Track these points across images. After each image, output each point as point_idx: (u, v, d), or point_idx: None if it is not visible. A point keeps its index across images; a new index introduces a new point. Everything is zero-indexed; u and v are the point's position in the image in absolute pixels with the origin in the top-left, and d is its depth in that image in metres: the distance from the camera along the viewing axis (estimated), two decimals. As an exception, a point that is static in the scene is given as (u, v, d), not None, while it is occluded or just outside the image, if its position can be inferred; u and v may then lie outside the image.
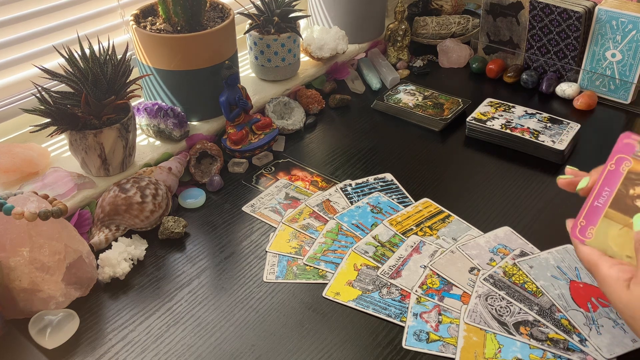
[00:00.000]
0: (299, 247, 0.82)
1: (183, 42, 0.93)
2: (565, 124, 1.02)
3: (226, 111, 0.97)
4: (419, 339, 0.69)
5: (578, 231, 0.61)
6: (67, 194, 0.83)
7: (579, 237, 0.61)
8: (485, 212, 0.87)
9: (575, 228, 0.62)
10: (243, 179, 0.95)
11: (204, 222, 0.86)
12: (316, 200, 0.89)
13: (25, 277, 0.67)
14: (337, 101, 1.13)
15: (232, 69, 0.95)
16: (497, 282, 0.75)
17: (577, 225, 0.62)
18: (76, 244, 0.73)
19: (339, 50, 1.18)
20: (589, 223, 0.61)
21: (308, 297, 0.74)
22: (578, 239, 0.61)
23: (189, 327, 0.71)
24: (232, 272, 0.78)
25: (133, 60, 0.92)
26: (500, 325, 0.70)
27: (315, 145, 1.03)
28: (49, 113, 0.80)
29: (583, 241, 0.61)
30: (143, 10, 1.00)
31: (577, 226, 0.62)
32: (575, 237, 0.62)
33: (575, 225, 0.62)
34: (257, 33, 1.09)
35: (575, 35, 1.12)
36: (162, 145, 0.97)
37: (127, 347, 0.68)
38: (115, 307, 0.73)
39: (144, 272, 0.78)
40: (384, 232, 0.84)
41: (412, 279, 0.76)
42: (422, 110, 1.09)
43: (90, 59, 0.81)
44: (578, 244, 0.62)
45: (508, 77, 1.20)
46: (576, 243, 0.62)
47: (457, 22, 1.32)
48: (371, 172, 0.96)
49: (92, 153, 0.84)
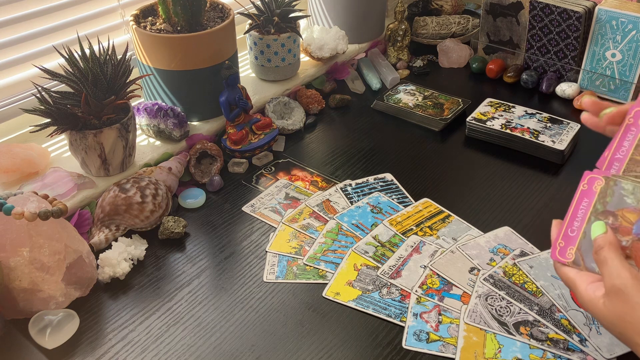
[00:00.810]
0: (299, 247, 0.82)
1: (183, 42, 0.93)
2: (565, 124, 1.02)
3: (226, 111, 0.97)
4: (419, 339, 0.69)
5: (558, 252, 0.60)
6: (67, 194, 0.83)
7: (560, 259, 0.60)
8: (485, 212, 0.87)
9: (555, 249, 0.61)
10: (243, 179, 0.95)
11: (204, 222, 0.86)
12: (316, 200, 0.89)
13: (25, 277, 0.67)
14: (337, 101, 1.13)
15: (232, 69, 0.95)
16: (497, 282, 0.75)
17: (556, 246, 0.61)
18: (76, 244, 0.73)
19: (339, 50, 1.18)
20: (568, 244, 0.60)
21: (308, 297, 0.74)
22: (560, 261, 0.60)
23: (189, 327, 0.71)
24: (232, 272, 0.78)
25: (133, 60, 0.92)
26: (500, 325, 0.70)
27: (315, 145, 1.03)
28: (49, 113, 0.80)
29: (564, 262, 0.60)
30: (143, 10, 1.00)
31: (556, 247, 0.61)
32: (555, 259, 0.61)
33: (554, 246, 0.61)
34: (257, 33, 1.09)
35: (575, 35, 1.12)
36: (162, 145, 0.97)
37: (127, 347, 0.68)
38: (115, 307, 0.73)
39: (144, 272, 0.78)
40: (384, 232, 0.84)
41: (412, 279, 0.76)
42: (422, 110, 1.09)
43: (90, 59, 0.81)
44: (556, 263, 0.62)
45: (508, 77, 1.20)
46: (555, 263, 0.62)
47: (457, 22, 1.32)
48: (371, 172, 0.96)
49: (92, 153, 0.84)
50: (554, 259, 0.61)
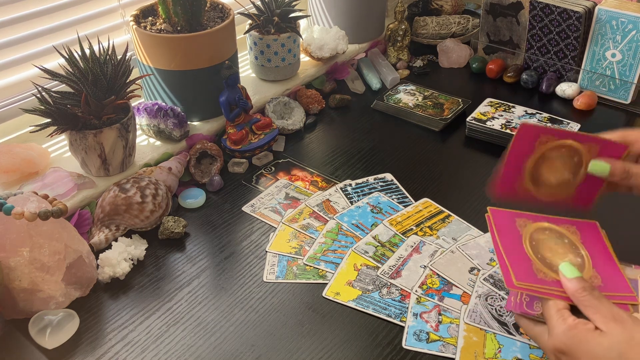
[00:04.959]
0: (299, 247, 0.82)
1: (183, 42, 0.93)
2: (565, 124, 1.02)
3: (226, 111, 0.97)
4: (419, 339, 0.69)
5: (525, 306, 0.60)
6: (67, 194, 0.83)
7: (529, 312, 0.60)
8: (485, 212, 0.87)
9: (522, 304, 0.60)
10: (243, 179, 0.95)
11: (204, 222, 0.86)
12: (316, 200, 0.89)
13: (25, 277, 0.67)
14: (337, 101, 1.13)
15: (232, 69, 0.95)
16: (497, 282, 0.75)
17: (522, 302, 0.60)
18: (76, 244, 0.73)
19: (339, 50, 1.18)
20: (534, 299, 0.60)
21: (308, 297, 0.74)
22: (528, 313, 0.60)
23: (189, 327, 0.71)
24: (232, 272, 0.78)
25: (133, 60, 0.92)
26: (500, 325, 0.70)
27: (315, 145, 1.03)
28: (49, 113, 0.80)
29: (534, 314, 0.60)
30: (143, 11, 1.00)
31: (522, 302, 0.60)
32: (524, 313, 0.60)
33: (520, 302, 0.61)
34: (257, 33, 1.09)
35: (575, 35, 1.12)
36: (162, 145, 0.97)
37: (127, 347, 0.68)
38: (115, 307, 0.73)
39: (144, 272, 0.78)
40: (384, 232, 0.84)
41: (412, 279, 0.76)
42: (422, 110, 1.09)
43: (90, 59, 0.81)
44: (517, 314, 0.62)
45: (508, 77, 1.20)
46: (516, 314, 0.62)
47: (457, 22, 1.32)
48: (371, 172, 0.96)
49: (92, 153, 0.84)
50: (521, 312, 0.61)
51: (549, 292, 0.58)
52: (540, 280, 0.60)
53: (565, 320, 0.55)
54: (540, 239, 0.65)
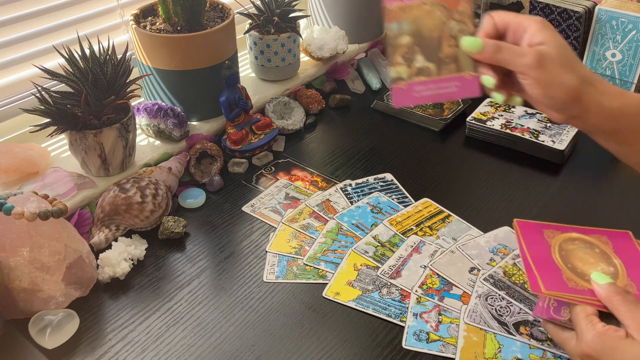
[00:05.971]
0: (299, 247, 0.81)
1: (183, 42, 0.93)
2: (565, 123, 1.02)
3: (226, 111, 0.97)
4: (419, 339, 0.69)
5: (553, 311, 0.60)
6: (67, 194, 0.83)
7: (556, 318, 0.60)
8: (485, 212, 0.87)
9: (549, 310, 0.61)
10: (243, 179, 0.95)
11: (204, 222, 0.86)
12: (316, 200, 0.89)
13: (25, 277, 0.67)
14: (337, 101, 1.13)
15: (232, 69, 0.95)
16: (497, 282, 0.75)
17: (550, 307, 0.61)
18: (76, 244, 0.73)
19: (339, 50, 1.18)
20: (561, 304, 0.60)
21: (308, 297, 0.74)
22: (556, 319, 0.60)
23: (189, 327, 0.71)
24: (232, 272, 0.78)
25: (133, 60, 0.92)
26: (500, 325, 0.70)
27: (315, 145, 1.03)
28: (49, 113, 0.80)
29: (561, 320, 0.60)
30: (143, 10, 1.00)
31: (550, 307, 0.61)
32: (552, 318, 0.60)
33: (547, 308, 0.61)
34: (257, 33, 1.09)
35: (575, 35, 1.12)
36: (162, 145, 0.97)
37: (127, 347, 0.68)
38: (115, 307, 0.73)
39: (144, 272, 0.78)
40: (384, 232, 0.84)
41: (412, 279, 0.76)
42: (422, 110, 1.09)
43: (90, 59, 0.81)
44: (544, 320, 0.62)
45: (508, 77, 1.20)
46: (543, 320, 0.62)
47: (457, 22, 1.32)
48: (371, 172, 0.96)
49: (92, 153, 0.84)
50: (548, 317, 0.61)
51: (580, 300, 0.58)
52: (572, 289, 0.59)
53: (594, 326, 0.55)
54: (569, 249, 0.64)
